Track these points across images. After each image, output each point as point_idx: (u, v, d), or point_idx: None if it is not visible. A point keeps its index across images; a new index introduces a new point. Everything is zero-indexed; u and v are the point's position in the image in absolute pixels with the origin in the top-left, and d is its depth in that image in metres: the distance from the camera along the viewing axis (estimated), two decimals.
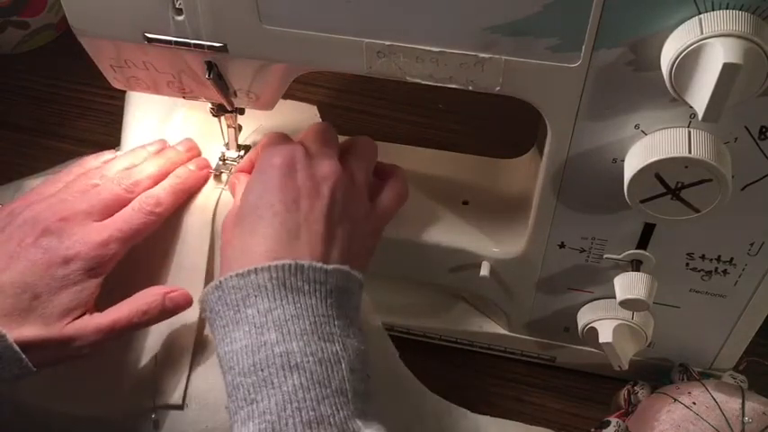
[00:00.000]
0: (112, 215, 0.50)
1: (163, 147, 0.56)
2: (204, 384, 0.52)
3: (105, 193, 0.50)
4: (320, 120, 0.62)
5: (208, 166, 0.56)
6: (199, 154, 0.57)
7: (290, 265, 0.43)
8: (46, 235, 0.47)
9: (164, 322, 0.53)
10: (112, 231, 0.49)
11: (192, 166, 0.55)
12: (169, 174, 0.54)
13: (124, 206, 0.51)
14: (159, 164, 0.54)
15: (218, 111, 0.55)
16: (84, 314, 0.48)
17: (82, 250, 0.47)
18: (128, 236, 0.49)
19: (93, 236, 0.48)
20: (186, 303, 0.51)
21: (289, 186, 0.47)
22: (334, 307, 0.43)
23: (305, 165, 0.48)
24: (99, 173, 0.53)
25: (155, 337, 0.54)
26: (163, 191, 0.52)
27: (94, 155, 0.56)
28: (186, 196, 0.54)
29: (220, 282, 0.43)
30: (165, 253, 0.54)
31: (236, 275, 0.43)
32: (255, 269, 0.43)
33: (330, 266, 0.44)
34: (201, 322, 0.53)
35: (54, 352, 0.47)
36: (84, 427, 0.53)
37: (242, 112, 0.56)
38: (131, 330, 0.49)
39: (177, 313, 0.50)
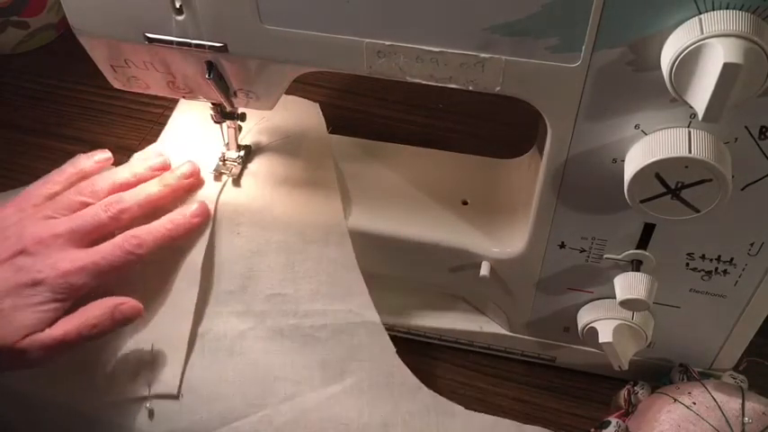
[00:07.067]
0: (94, 240, 0.50)
1: (164, 165, 0.55)
2: (200, 374, 0.53)
3: (89, 218, 0.50)
4: (322, 118, 0.61)
5: (204, 213, 0.54)
6: (198, 180, 0.55)
7: None
8: (22, 254, 0.48)
9: (160, 313, 0.53)
10: (87, 263, 0.48)
11: (188, 211, 0.53)
12: (161, 202, 0.53)
13: (107, 232, 0.50)
14: (151, 192, 0.53)
15: (221, 117, 0.54)
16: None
17: (50, 276, 0.47)
18: (102, 270, 0.49)
19: (66, 264, 0.48)
20: (136, 315, 0.50)
21: None
22: None
23: None
24: (91, 187, 0.52)
25: (151, 326, 0.54)
26: (149, 234, 0.51)
27: (87, 154, 0.55)
28: (172, 243, 0.52)
29: None
30: (164, 252, 0.54)
31: None
32: None
33: None
34: (198, 313, 0.53)
35: (6, 363, 0.47)
36: (81, 415, 0.53)
37: (243, 118, 0.56)
38: (83, 342, 0.48)
39: (128, 324, 0.50)
